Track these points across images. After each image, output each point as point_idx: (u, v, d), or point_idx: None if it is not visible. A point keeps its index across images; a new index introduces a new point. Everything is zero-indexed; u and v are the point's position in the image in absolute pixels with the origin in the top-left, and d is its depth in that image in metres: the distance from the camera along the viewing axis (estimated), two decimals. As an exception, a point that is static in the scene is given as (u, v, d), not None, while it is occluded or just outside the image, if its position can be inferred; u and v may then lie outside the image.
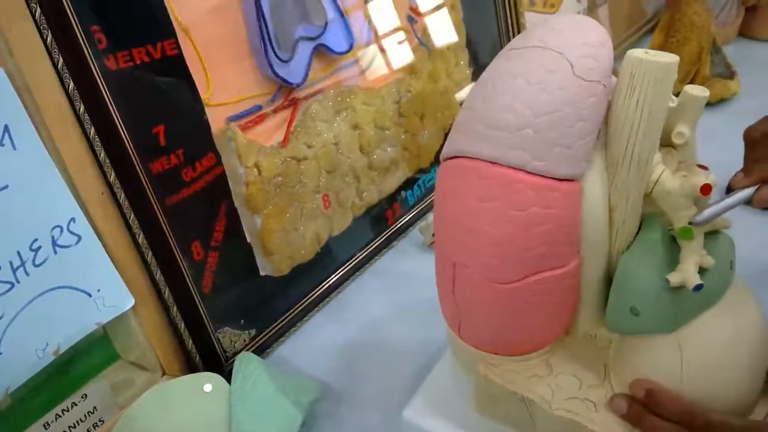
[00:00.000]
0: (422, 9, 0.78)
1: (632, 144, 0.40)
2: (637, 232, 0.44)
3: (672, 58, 0.38)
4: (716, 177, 0.43)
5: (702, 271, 0.41)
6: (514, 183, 0.40)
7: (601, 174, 0.42)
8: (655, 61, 0.38)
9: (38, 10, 0.45)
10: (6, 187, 0.45)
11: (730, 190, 0.79)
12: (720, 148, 0.90)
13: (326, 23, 0.66)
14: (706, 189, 0.40)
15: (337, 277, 0.73)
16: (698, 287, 0.40)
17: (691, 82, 0.99)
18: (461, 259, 0.45)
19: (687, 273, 0.41)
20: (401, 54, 0.76)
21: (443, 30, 0.81)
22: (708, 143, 0.98)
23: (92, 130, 0.50)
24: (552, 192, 0.40)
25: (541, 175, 0.40)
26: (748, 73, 1.03)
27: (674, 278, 0.41)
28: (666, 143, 0.42)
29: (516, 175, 0.40)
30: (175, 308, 0.57)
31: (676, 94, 0.41)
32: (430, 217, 0.79)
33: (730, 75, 1.01)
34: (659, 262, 0.42)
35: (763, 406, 0.44)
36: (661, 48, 0.99)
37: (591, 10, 1.05)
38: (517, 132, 0.40)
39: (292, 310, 0.68)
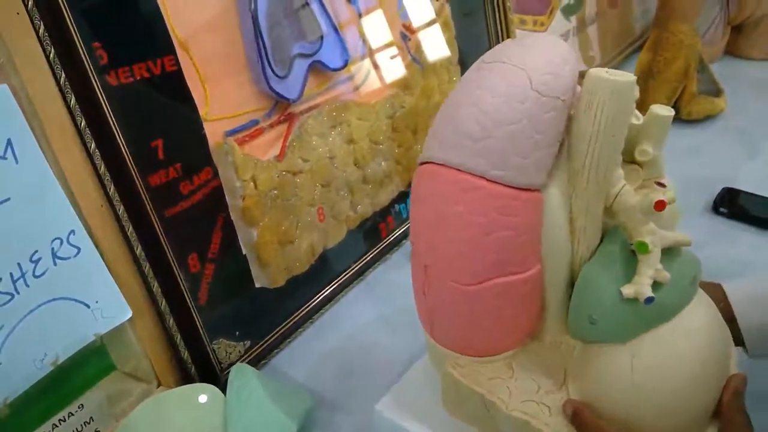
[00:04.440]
0: (415, 26, 0.80)
1: (590, 158, 0.42)
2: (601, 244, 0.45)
3: (629, 78, 0.40)
4: (703, 191, 0.44)
5: (658, 285, 0.42)
6: (475, 189, 0.42)
7: (563, 185, 0.44)
8: (612, 80, 0.40)
9: (42, 26, 0.46)
10: (8, 199, 0.46)
11: (718, 204, 0.80)
12: (706, 164, 0.92)
13: (322, 39, 0.67)
14: (659, 205, 0.41)
15: (331, 288, 0.73)
16: (649, 300, 0.41)
17: (678, 99, 1.00)
18: (430, 261, 0.46)
19: (640, 286, 0.42)
20: (395, 70, 0.78)
21: (436, 47, 0.83)
22: (695, 159, 1.00)
23: (93, 144, 0.51)
24: (511, 200, 0.42)
25: (501, 183, 0.42)
26: (735, 90, 1.06)
27: (627, 290, 0.42)
28: (632, 160, 0.44)
29: (477, 182, 0.42)
30: (171, 319, 0.58)
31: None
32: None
33: (717, 92, 1.03)
34: (617, 274, 0.43)
35: (712, 429, 0.45)
36: (649, 66, 1.01)
37: (580, 30, 1.07)
38: (479, 141, 0.42)
39: (286, 322, 0.69)
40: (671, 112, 0.42)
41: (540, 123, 0.41)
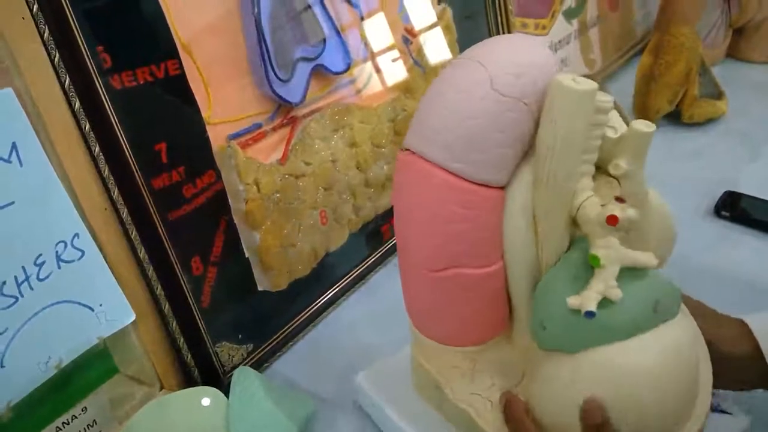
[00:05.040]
0: (417, 30, 0.80)
1: (549, 164, 0.42)
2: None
3: (588, 87, 0.40)
4: (705, 195, 0.44)
5: (608, 302, 0.42)
6: (437, 180, 0.43)
7: (527, 187, 0.44)
8: (570, 87, 0.40)
9: (46, 30, 0.47)
10: (12, 203, 0.46)
11: (720, 208, 0.81)
12: (708, 166, 0.93)
13: (324, 43, 0.67)
14: (611, 220, 0.41)
15: (333, 292, 0.74)
16: (589, 314, 0.41)
17: (680, 102, 1.01)
18: (404, 244, 0.48)
19: (585, 298, 0.42)
20: (397, 74, 0.78)
21: (438, 50, 0.83)
22: (697, 162, 1.00)
23: (97, 148, 0.51)
24: (470, 194, 0.43)
25: (461, 177, 0.43)
26: (736, 93, 1.06)
27: (573, 300, 0.42)
28: (608, 173, 0.43)
29: (439, 173, 0.43)
30: (174, 323, 0.58)
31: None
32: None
33: (718, 95, 1.03)
34: (573, 283, 0.43)
35: None
36: (651, 69, 1.01)
37: (582, 33, 1.07)
38: (441, 134, 0.43)
39: (289, 325, 0.69)
40: (651, 128, 0.41)
41: (500, 122, 0.42)
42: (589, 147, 0.42)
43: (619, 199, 0.42)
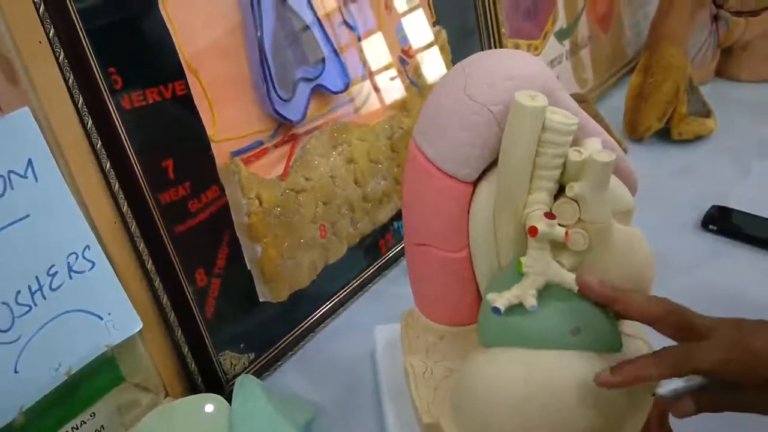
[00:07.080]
0: (413, 50, 0.83)
1: (503, 170, 0.45)
2: None
3: (537, 104, 0.43)
4: (693, 210, 0.44)
5: (524, 309, 0.44)
6: (419, 164, 0.48)
7: (492, 189, 0.47)
8: (518, 101, 0.43)
9: (62, 54, 0.49)
10: (27, 216, 0.48)
11: (707, 222, 0.83)
12: (697, 182, 0.95)
13: (323, 62, 0.70)
14: (531, 230, 0.44)
15: (332, 303, 0.76)
16: (495, 310, 0.44)
17: (669, 120, 1.03)
18: (404, 212, 0.53)
19: (500, 296, 0.45)
20: (394, 92, 0.81)
21: (433, 70, 0.86)
22: (685, 178, 1.02)
23: (108, 164, 0.53)
24: (439, 182, 0.48)
25: (434, 165, 0.47)
26: (724, 111, 1.08)
27: (490, 296, 0.45)
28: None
29: (421, 158, 0.48)
30: (179, 332, 0.60)
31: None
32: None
33: (707, 113, 1.06)
34: (508, 285, 0.46)
35: None
36: (640, 87, 1.04)
37: (573, 53, 1.10)
38: (424, 123, 0.48)
39: (289, 335, 0.71)
40: (610, 158, 0.43)
41: (464, 122, 0.46)
42: (542, 163, 0.44)
43: (549, 215, 0.44)
